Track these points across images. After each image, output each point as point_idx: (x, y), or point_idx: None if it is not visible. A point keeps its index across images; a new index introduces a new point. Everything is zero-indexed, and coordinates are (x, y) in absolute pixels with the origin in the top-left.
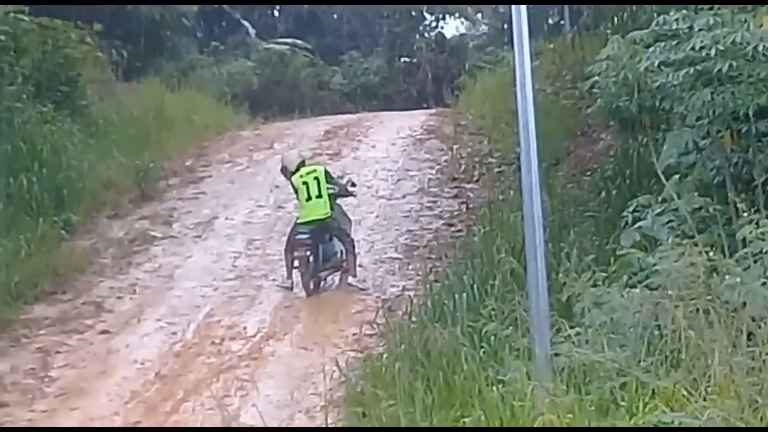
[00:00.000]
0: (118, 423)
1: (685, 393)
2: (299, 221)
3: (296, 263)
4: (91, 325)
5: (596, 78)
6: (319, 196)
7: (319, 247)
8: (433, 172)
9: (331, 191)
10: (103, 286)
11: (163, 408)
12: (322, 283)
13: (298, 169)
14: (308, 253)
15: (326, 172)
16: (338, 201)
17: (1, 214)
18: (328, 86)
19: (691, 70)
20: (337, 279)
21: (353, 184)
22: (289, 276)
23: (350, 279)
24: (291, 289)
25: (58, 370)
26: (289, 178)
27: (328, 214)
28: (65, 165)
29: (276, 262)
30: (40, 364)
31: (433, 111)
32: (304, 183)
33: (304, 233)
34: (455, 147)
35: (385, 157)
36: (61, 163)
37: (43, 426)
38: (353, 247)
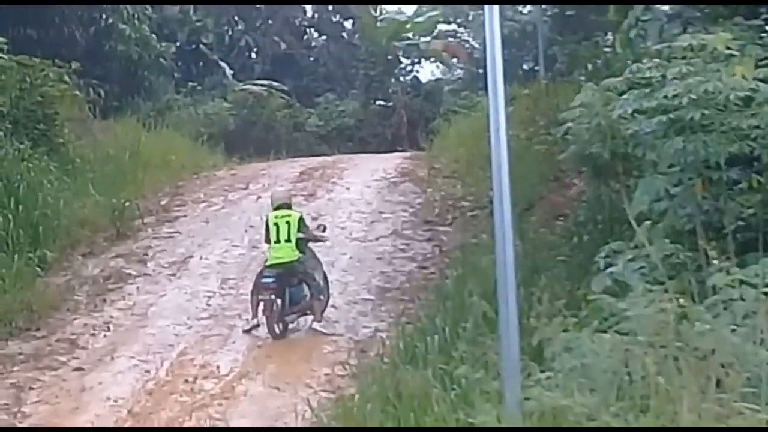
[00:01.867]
0: None
1: None
2: (267, 264)
3: (262, 307)
4: (64, 361)
5: (570, 124)
6: (288, 240)
7: (286, 291)
8: (407, 214)
9: (301, 236)
10: (77, 323)
11: None
12: (290, 326)
13: (277, 209)
14: (273, 296)
15: (300, 219)
16: (309, 245)
17: None
18: (304, 128)
19: (664, 118)
20: (304, 322)
21: (324, 229)
22: (254, 316)
23: (315, 324)
24: (256, 327)
25: (31, 406)
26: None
27: (296, 259)
28: (41, 202)
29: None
30: (13, 400)
31: (407, 154)
32: (275, 224)
33: (270, 277)
34: (429, 190)
35: (359, 199)
36: (37, 200)
37: None
38: (320, 292)
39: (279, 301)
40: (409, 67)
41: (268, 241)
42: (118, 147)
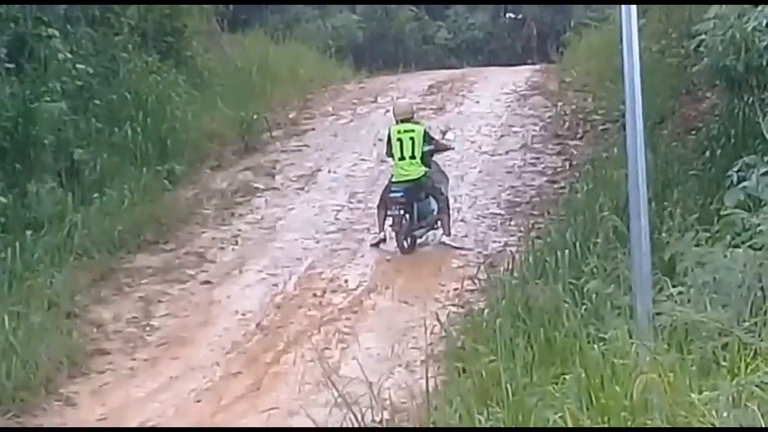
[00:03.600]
0: (218, 373)
1: None
2: (393, 179)
3: (390, 221)
4: (193, 275)
5: (703, 37)
6: (413, 156)
7: (414, 206)
8: (537, 128)
9: (427, 148)
10: (205, 237)
11: (263, 359)
12: (418, 240)
13: (400, 122)
14: (402, 211)
15: (425, 133)
16: (436, 158)
17: (105, 163)
18: (433, 41)
19: None
20: (432, 236)
21: (444, 133)
22: (381, 230)
23: (444, 238)
24: (383, 241)
25: (159, 319)
26: (395, 121)
27: (423, 174)
28: (170, 115)
29: None
30: (142, 313)
31: (537, 67)
32: (399, 140)
33: (398, 192)
34: (559, 103)
35: (488, 113)
36: (165, 114)
37: (144, 373)
38: (448, 206)
39: (407, 215)
40: None
41: (389, 155)
42: (246, 60)
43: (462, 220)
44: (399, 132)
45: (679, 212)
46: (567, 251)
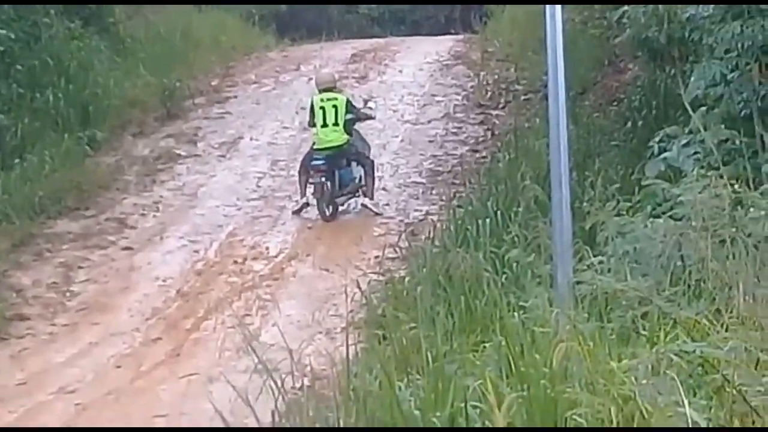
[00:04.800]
0: (138, 339)
1: (707, 323)
2: (314, 147)
3: (312, 189)
4: (113, 241)
5: (626, 8)
6: (336, 123)
7: (336, 173)
8: (460, 98)
9: (349, 117)
10: (126, 203)
11: (183, 325)
12: (340, 208)
13: (322, 92)
14: (324, 179)
15: (348, 102)
16: (357, 126)
17: (26, 129)
18: (357, 10)
19: (722, 3)
20: (355, 203)
21: (366, 103)
22: (303, 195)
23: (367, 201)
24: (305, 206)
25: (80, 284)
26: (316, 90)
27: (345, 142)
28: (92, 82)
29: None
30: (62, 279)
31: (460, 37)
32: (321, 108)
33: (320, 159)
34: (482, 73)
35: (411, 82)
36: (87, 80)
37: (64, 339)
38: (372, 169)
39: (329, 183)
40: None
41: (312, 124)
42: (169, 27)
43: (384, 189)
44: (322, 101)
45: (601, 182)
46: (488, 220)
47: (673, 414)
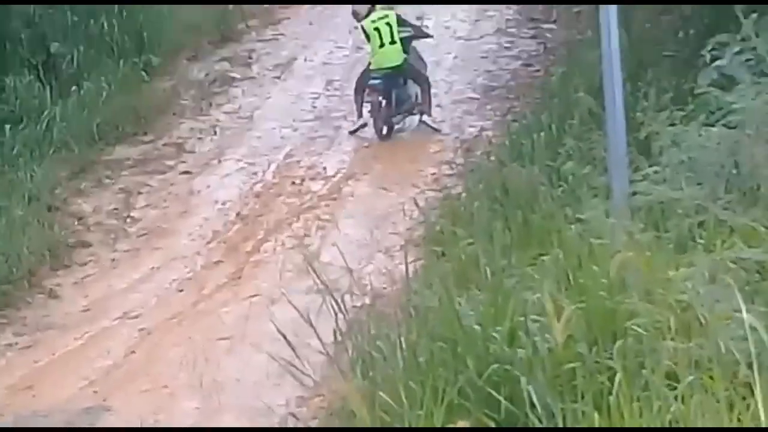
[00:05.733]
0: (199, 263)
1: (763, 230)
2: (372, 67)
3: (369, 108)
4: (172, 165)
5: None
6: (392, 42)
7: (392, 93)
8: (511, 12)
9: (404, 35)
10: (183, 128)
11: (244, 248)
12: (396, 126)
13: (369, 14)
14: (380, 98)
15: (399, 17)
16: (413, 44)
17: (82, 56)
18: None
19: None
20: (411, 122)
21: (422, 21)
22: (360, 115)
23: (425, 118)
24: (363, 126)
25: (139, 210)
26: (360, 21)
27: (403, 60)
28: (145, 8)
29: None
30: (122, 205)
31: None
32: (376, 29)
33: (377, 78)
34: None
35: None
36: (141, 6)
37: (126, 265)
38: (429, 87)
39: (385, 102)
40: None
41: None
42: None
43: (438, 106)
44: (373, 21)
45: (654, 92)
46: (542, 134)
47: (731, 320)
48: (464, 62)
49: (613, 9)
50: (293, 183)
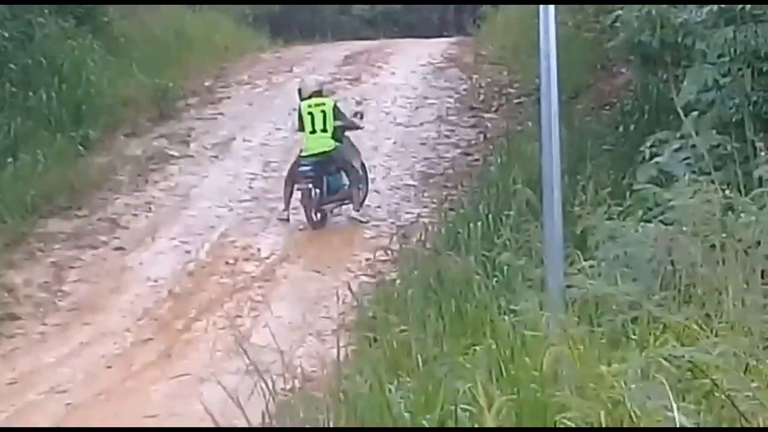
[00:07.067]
0: (129, 339)
1: (696, 328)
2: (303, 154)
3: (299, 196)
4: (105, 241)
5: (619, 12)
6: (324, 130)
7: (323, 180)
8: (452, 100)
9: (338, 124)
10: (118, 203)
11: (175, 326)
12: (329, 215)
13: (309, 97)
14: (311, 185)
15: (335, 107)
16: (347, 133)
17: (19, 128)
18: (350, 11)
19: (715, 8)
20: (346, 209)
21: (361, 116)
22: (286, 207)
23: (353, 213)
24: (287, 220)
25: (71, 284)
26: (302, 100)
27: (333, 148)
28: (84, 81)
29: None
30: (54, 278)
31: (454, 40)
32: (310, 114)
33: (307, 166)
34: (475, 76)
35: (404, 84)
36: (80, 79)
37: (55, 339)
38: (360, 180)
39: (317, 189)
40: None
41: (301, 129)
42: (162, 27)
43: (375, 191)
44: (310, 106)
45: (592, 186)
46: (480, 223)
47: (662, 418)
48: (403, 148)
49: (554, 100)
50: (227, 263)
